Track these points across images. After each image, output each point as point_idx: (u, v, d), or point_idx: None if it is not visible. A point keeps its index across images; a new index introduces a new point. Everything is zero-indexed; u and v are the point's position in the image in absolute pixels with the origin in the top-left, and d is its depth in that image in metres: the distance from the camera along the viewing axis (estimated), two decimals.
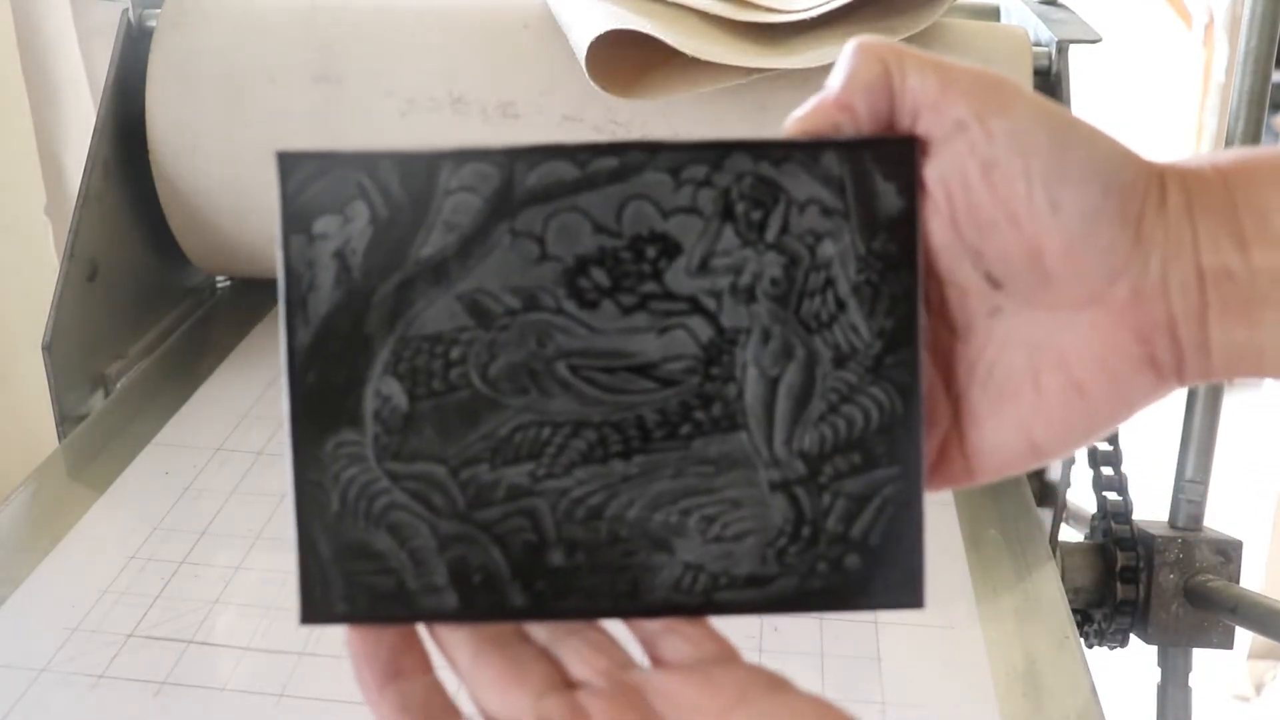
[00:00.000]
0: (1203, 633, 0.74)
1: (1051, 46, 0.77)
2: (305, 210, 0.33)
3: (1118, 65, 1.66)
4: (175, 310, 0.89)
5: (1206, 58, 1.72)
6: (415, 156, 0.31)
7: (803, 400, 0.31)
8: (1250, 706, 1.71)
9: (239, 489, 0.68)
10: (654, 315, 0.31)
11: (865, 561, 0.31)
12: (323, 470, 0.31)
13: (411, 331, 0.31)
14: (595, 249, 0.31)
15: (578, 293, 0.31)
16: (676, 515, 0.31)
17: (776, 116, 0.75)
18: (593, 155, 0.31)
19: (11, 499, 0.67)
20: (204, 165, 0.80)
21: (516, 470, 0.31)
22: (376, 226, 0.31)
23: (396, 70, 0.78)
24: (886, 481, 0.31)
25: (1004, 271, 0.31)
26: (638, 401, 0.31)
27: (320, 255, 0.32)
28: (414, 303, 0.31)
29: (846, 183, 0.31)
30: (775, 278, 0.31)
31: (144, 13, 0.82)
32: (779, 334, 0.31)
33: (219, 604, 0.59)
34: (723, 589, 0.31)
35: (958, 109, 0.30)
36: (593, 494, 0.31)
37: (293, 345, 0.32)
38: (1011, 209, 0.30)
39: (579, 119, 0.76)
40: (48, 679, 0.54)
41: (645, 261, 0.31)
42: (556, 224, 0.31)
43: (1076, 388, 0.31)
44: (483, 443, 0.31)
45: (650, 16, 0.70)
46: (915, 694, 0.55)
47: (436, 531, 0.31)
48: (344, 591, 0.31)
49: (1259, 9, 0.72)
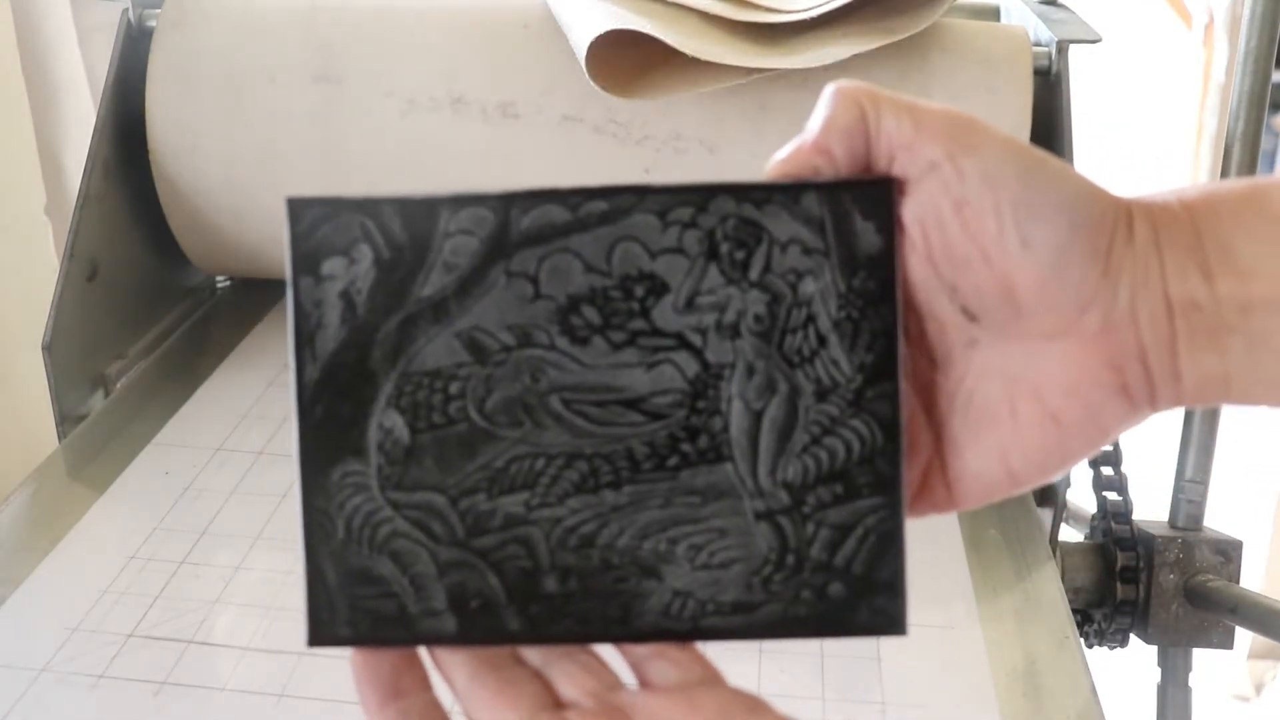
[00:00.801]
0: (1203, 633, 0.74)
1: (1051, 46, 0.77)
2: (313, 252, 0.34)
3: (1118, 65, 1.66)
4: (175, 310, 0.89)
5: (1206, 58, 1.72)
6: (416, 201, 0.33)
7: (786, 432, 0.32)
8: (1250, 706, 1.71)
9: (239, 489, 0.68)
10: (642, 351, 0.32)
11: (848, 589, 0.32)
12: (329, 499, 0.33)
13: (413, 367, 0.33)
14: (586, 288, 0.32)
15: (570, 330, 0.32)
16: (665, 543, 0.32)
17: (776, 116, 0.75)
18: (584, 199, 0.32)
19: (11, 499, 0.67)
20: (204, 165, 0.80)
21: (512, 500, 0.32)
22: (380, 268, 0.33)
23: (396, 70, 0.78)
24: (869, 511, 0.32)
25: (979, 305, 0.32)
26: (627, 434, 0.32)
27: (327, 295, 0.33)
28: (415, 340, 0.33)
29: (826, 222, 0.32)
30: (759, 314, 0.32)
31: (144, 13, 0.82)
32: (762, 369, 0.32)
33: (219, 604, 0.59)
34: (710, 615, 0.32)
35: (930, 149, 0.31)
36: (585, 523, 0.32)
37: (301, 381, 0.33)
38: (983, 245, 0.31)
39: (579, 119, 0.76)
40: (48, 679, 0.54)
41: (634, 300, 0.32)
42: (549, 265, 0.32)
43: (1052, 416, 0.32)
44: (480, 473, 0.33)
45: (650, 16, 0.70)
46: (915, 694, 0.55)
47: (436, 558, 0.32)
48: (348, 616, 0.32)
49: (1259, 9, 0.72)
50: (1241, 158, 0.75)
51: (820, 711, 0.54)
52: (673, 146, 0.76)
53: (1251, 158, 0.75)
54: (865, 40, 0.71)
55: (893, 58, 0.74)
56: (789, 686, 0.55)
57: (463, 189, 0.33)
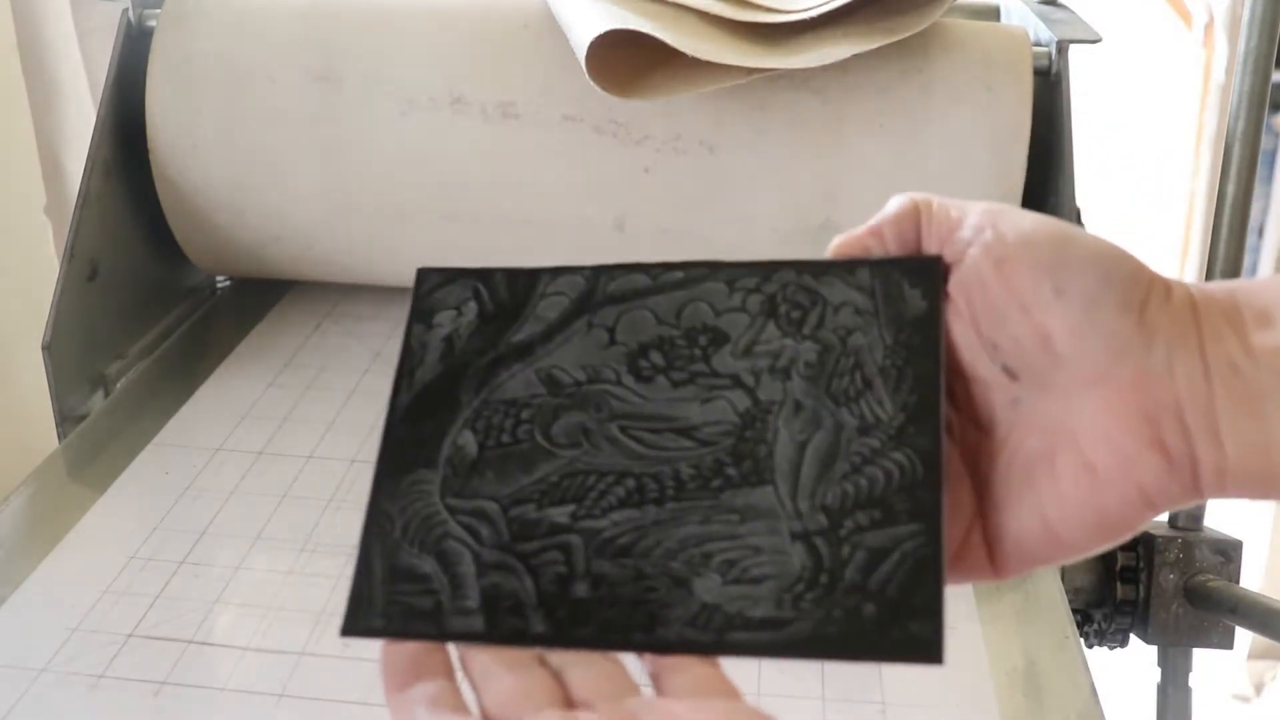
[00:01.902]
0: (1203, 633, 0.74)
1: (1051, 46, 0.77)
2: (430, 308, 0.38)
3: (1118, 65, 1.66)
4: (175, 310, 0.89)
5: (1206, 58, 1.72)
6: (522, 271, 0.38)
7: (828, 461, 0.34)
8: (1250, 706, 1.71)
9: (239, 489, 0.68)
10: (700, 388, 0.35)
11: (882, 612, 0.31)
12: (394, 502, 0.35)
13: (494, 396, 0.36)
14: (655, 336, 0.36)
15: (636, 370, 0.36)
16: (699, 557, 0.33)
17: (776, 116, 0.75)
18: (665, 270, 0.37)
19: (11, 499, 0.67)
20: (204, 165, 0.80)
21: (559, 510, 0.34)
22: (482, 319, 0.38)
23: (396, 70, 0.78)
24: (907, 537, 0.32)
25: (1019, 360, 0.33)
26: (676, 457, 0.35)
27: (433, 339, 0.38)
28: (500, 374, 0.37)
29: (877, 290, 0.35)
30: (809, 361, 0.35)
31: (144, 13, 0.82)
32: (810, 405, 0.35)
33: (219, 604, 0.59)
34: (737, 629, 0.32)
35: (975, 220, 0.34)
36: (624, 534, 0.34)
37: (395, 404, 0.37)
38: (1021, 297, 0.33)
39: (579, 119, 0.76)
40: (48, 679, 0.54)
41: (697, 347, 0.36)
42: (627, 319, 0.37)
43: (1087, 466, 0.32)
44: (534, 486, 0.35)
45: (650, 16, 0.70)
46: (915, 694, 0.55)
47: (479, 560, 0.34)
48: (383, 609, 0.34)
49: (1259, 9, 0.72)
50: (1241, 158, 0.75)
51: (820, 712, 0.54)
52: (673, 146, 0.76)
53: (1251, 158, 0.75)
54: (865, 40, 0.71)
55: (893, 58, 0.74)
56: (789, 687, 0.55)
57: (565, 263, 0.38)
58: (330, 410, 0.75)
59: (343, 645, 0.56)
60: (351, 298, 0.89)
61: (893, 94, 0.75)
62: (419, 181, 0.79)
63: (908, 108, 0.75)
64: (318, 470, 0.69)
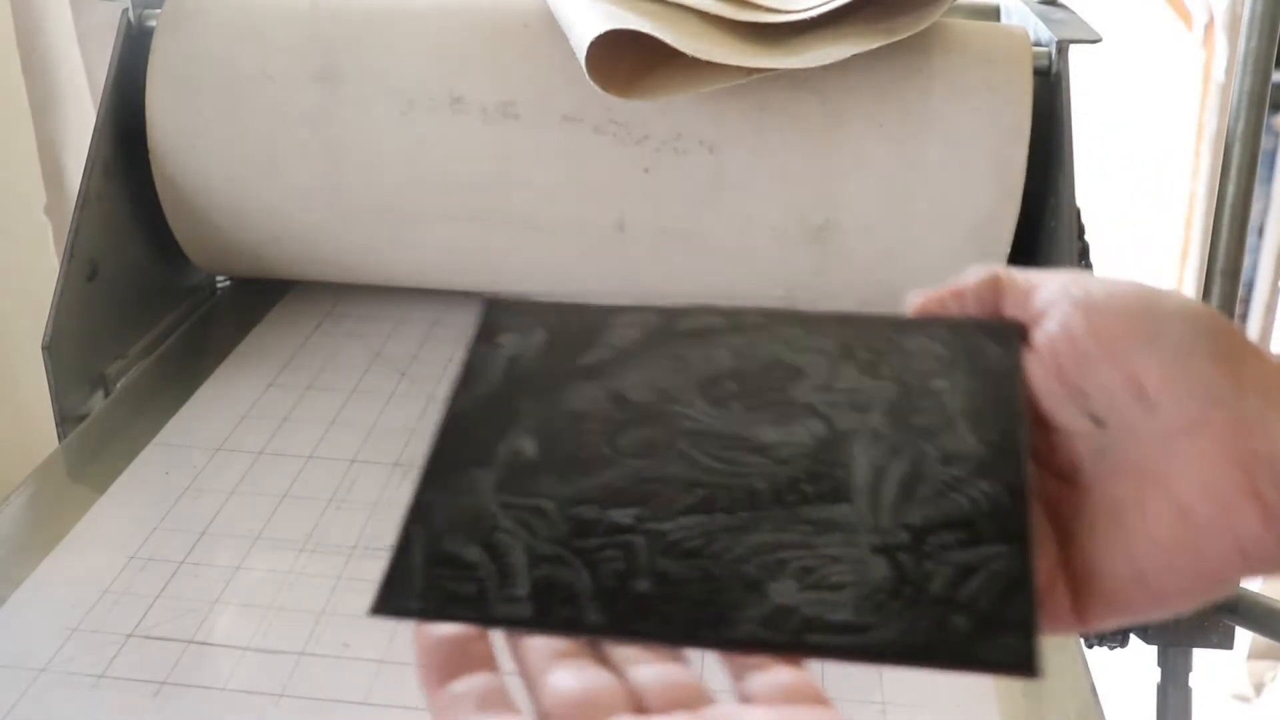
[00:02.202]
0: (1203, 633, 0.74)
1: (1051, 46, 0.77)
2: (494, 330, 0.38)
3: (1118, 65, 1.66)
4: (175, 310, 0.89)
5: (1206, 58, 1.72)
6: (594, 307, 0.38)
7: (909, 485, 0.33)
8: (1250, 706, 1.71)
9: (239, 489, 0.68)
10: (775, 414, 0.35)
11: (973, 623, 0.30)
12: (441, 495, 0.34)
13: (557, 408, 0.35)
14: (730, 368, 0.36)
15: (709, 395, 0.35)
16: (773, 562, 0.31)
17: (776, 116, 0.75)
18: (742, 314, 0.37)
19: (11, 499, 0.67)
20: (204, 165, 0.80)
21: (623, 512, 0.33)
22: (550, 344, 0.37)
23: (396, 70, 0.78)
24: (995, 557, 0.31)
25: (1107, 408, 0.33)
26: (749, 472, 0.33)
27: (497, 357, 0.37)
28: (565, 390, 0.36)
29: (956, 343, 0.36)
30: (889, 398, 0.35)
31: (144, 13, 0.82)
32: (889, 436, 0.34)
33: (219, 604, 0.59)
34: (815, 631, 0.30)
35: (1056, 283, 0.35)
36: (692, 538, 0.32)
37: (451, 407, 0.36)
38: (1112, 346, 0.33)
39: (579, 119, 0.76)
40: (48, 679, 0.54)
41: (773, 380, 0.36)
42: (701, 352, 0.36)
43: (1182, 512, 0.32)
44: (597, 489, 0.33)
45: (650, 16, 0.70)
46: (915, 694, 0.55)
47: (531, 552, 0.32)
48: (422, 591, 0.32)
49: (1259, 9, 0.72)
50: (1241, 158, 0.75)
51: None
52: (673, 146, 0.76)
53: (1251, 158, 0.75)
54: (865, 40, 0.71)
55: (893, 58, 0.74)
56: None
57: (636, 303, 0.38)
58: (330, 410, 0.75)
59: (343, 645, 0.56)
60: (351, 298, 0.89)
61: (893, 94, 0.75)
62: (419, 181, 0.79)
63: (908, 108, 0.75)
64: (318, 470, 0.69)
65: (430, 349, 0.83)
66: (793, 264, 0.79)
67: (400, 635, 0.57)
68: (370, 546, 0.63)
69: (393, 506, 0.65)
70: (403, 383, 0.79)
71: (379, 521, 0.65)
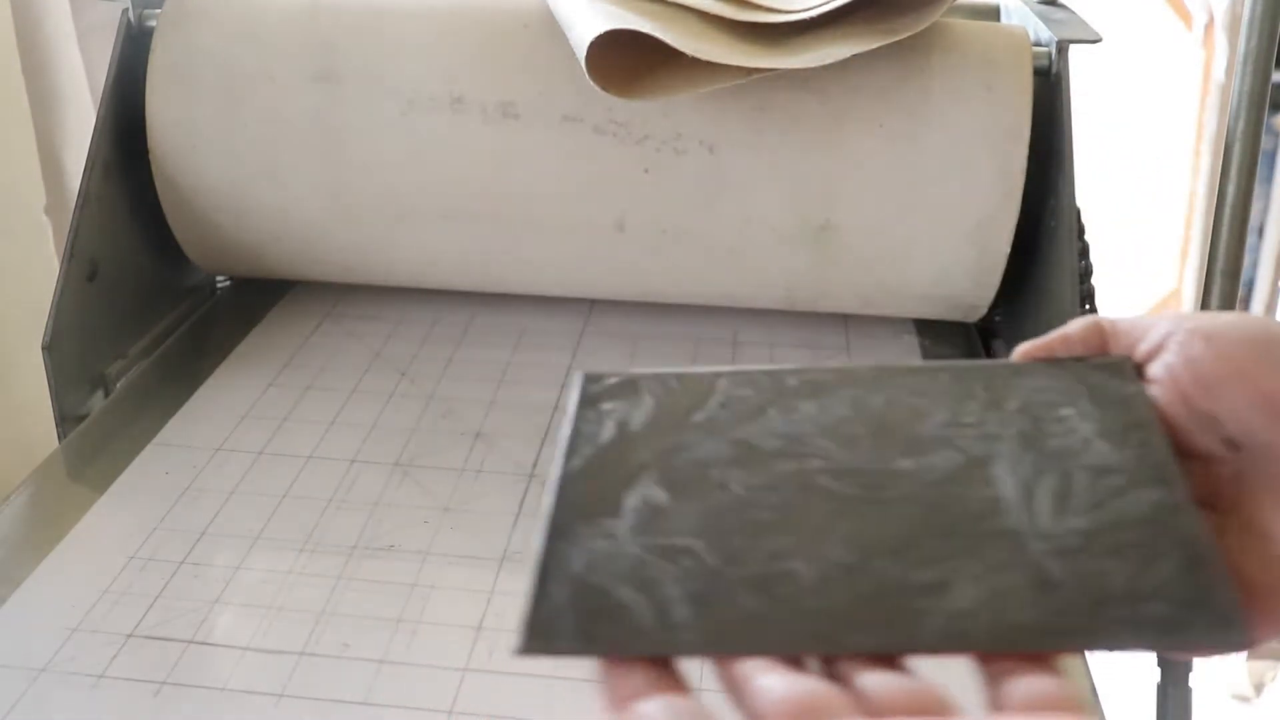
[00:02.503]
0: None
1: (1051, 46, 0.77)
2: (597, 400, 0.38)
3: (1118, 65, 1.66)
4: (175, 310, 0.89)
5: (1206, 58, 1.72)
6: (698, 374, 0.38)
7: (1063, 498, 0.32)
8: (1250, 706, 1.71)
9: (239, 489, 0.68)
10: (907, 448, 0.34)
11: (1171, 606, 0.29)
12: (572, 543, 0.33)
13: (681, 459, 0.35)
14: (852, 412, 0.36)
15: (837, 437, 0.35)
16: (946, 570, 0.31)
17: (776, 116, 0.75)
18: (853, 369, 0.37)
19: (11, 499, 0.67)
20: (204, 165, 0.80)
21: (775, 540, 0.32)
22: (659, 406, 0.37)
23: (396, 70, 0.78)
24: (1175, 547, 0.31)
25: (1242, 429, 0.33)
26: (895, 497, 0.33)
27: (604, 420, 0.37)
28: (685, 443, 0.35)
29: (1072, 378, 0.36)
30: (1020, 428, 0.35)
31: (144, 13, 0.82)
32: (1029, 459, 0.34)
33: (219, 604, 0.59)
34: (1004, 627, 0.29)
35: (1164, 323, 0.35)
36: (853, 556, 0.31)
37: (568, 466, 0.35)
38: (1239, 366, 0.33)
39: (579, 119, 0.76)
40: (48, 679, 0.54)
41: (898, 419, 0.35)
42: (819, 404, 0.36)
43: None
44: (742, 525, 0.33)
45: (650, 16, 0.70)
46: None
47: (685, 583, 0.31)
48: (573, 629, 0.30)
49: (1259, 9, 0.72)
50: (1241, 158, 0.75)
51: None
52: (673, 146, 0.76)
53: (1251, 158, 0.75)
54: (865, 40, 0.71)
55: (893, 58, 0.74)
56: None
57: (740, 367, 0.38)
58: (330, 410, 0.75)
59: (343, 645, 0.56)
60: (351, 298, 0.89)
61: (893, 94, 0.75)
62: (419, 181, 0.79)
63: (908, 108, 0.75)
64: (318, 470, 0.69)
65: (430, 349, 0.83)
66: (793, 264, 0.79)
67: (401, 635, 0.57)
68: (370, 546, 0.63)
69: (393, 506, 0.65)
70: (403, 383, 0.79)
71: (379, 521, 0.65)
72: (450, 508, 0.66)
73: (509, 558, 0.62)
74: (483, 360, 0.82)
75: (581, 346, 0.84)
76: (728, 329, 0.85)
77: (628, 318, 0.87)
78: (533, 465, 0.70)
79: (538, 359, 0.82)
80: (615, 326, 0.86)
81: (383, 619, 0.58)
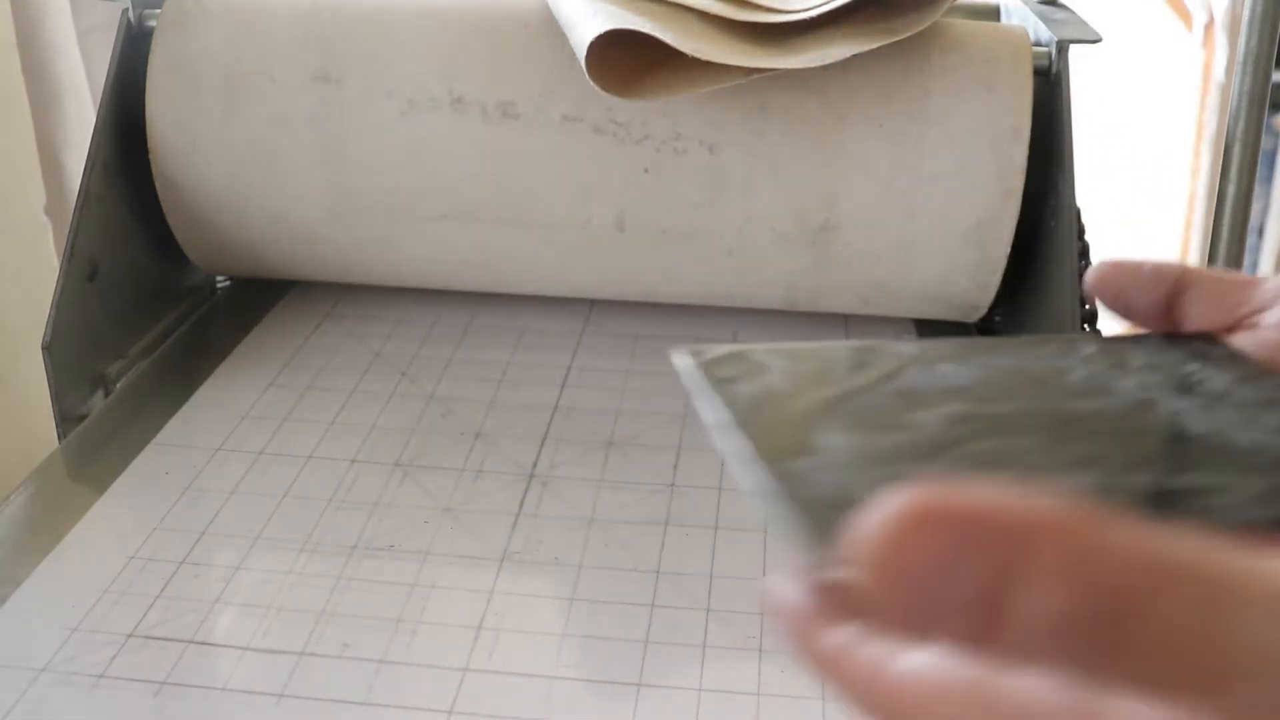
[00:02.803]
0: None
1: (1051, 46, 0.77)
2: (715, 366, 0.34)
3: (1118, 65, 1.66)
4: (175, 310, 0.89)
5: (1206, 58, 1.72)
6: (810, 348, 0.34)
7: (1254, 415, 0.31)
8: None
9: (239, 489, 0.68)
10: (1069, 393, 0.32)
11: None
12: (797, 473, 0.28)
13: (852, 405, 0.31)
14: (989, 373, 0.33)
15: (994, 387, 0.32)
16: (1198, 479, 0.28)
17: (776, 116, 0.75)
18: (957, 339, 0.34)
19: (11, 499, 0.67)
20: (204, 165, 0.80)
21: (1007, 467, 0.29)
22: (790, 370, 0.33)
23: (396, 70, 0.78)
24: None
25: None
26: (1101, 429, 0.31)
27: (739, 394, 0.32)
28: (846, 394, 0.31)
29: (1170, 344, 0.34)
30: (1164, 378, 0.33)
31: (144, 13, 0.82)
32: (1192, 401, 0.31)
33: (219, 604, 0.59)
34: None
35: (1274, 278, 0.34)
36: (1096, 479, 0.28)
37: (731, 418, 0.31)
38: None
39: (579, 119, 0.76)
40: (48, 679, 0.54)
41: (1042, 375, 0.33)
42: (950, 366, 0.33)
43: None
44: (960, 458, 0.29)
45: (650, 16, 0.70)
46: None
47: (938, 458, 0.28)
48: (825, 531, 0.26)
49: (1259, 9, 0.72)
50: (1241, 158, 0.75)
51: (820, 712, 0.54)
52: (673, 146, 0.76)
53: (1251, 158, 0.75)
54: (865, 40, 0.71)
55: (893, 58, 0.74)
56: (789, 687, 0.55)
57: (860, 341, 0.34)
58: (330, 410, 0.75)
59: (343, 645, 0.56)
60: (351, 298, 0.89)
61: (893, 94, 0.75)
62: (419, 181, 0.79)
63: (908, 108, 0.75)
64: (318, 470, 0.69)
65: (430, 349, 0.83)
66: (793, 264, 0.79)
67: (401, 635, 0.57)
68: (370, 546, 0.63)
69: (393, 506, 0.65)
70: (403, 383, 0.79)
71: (379, 521, 0.65)
72: (450, 508, 0.66)
73: (509, 558, 0.62)
74: (483, 360, 0.82)
75: (581, 346, 0.84)
76: (728, 329, 0.85)
77: (628, 318, 0.87)
78: (533, 465, 0.70)
79: (538, 359, 0.82)
80: (615, 326, 0.86)
81: (383, 619, 0.58)
